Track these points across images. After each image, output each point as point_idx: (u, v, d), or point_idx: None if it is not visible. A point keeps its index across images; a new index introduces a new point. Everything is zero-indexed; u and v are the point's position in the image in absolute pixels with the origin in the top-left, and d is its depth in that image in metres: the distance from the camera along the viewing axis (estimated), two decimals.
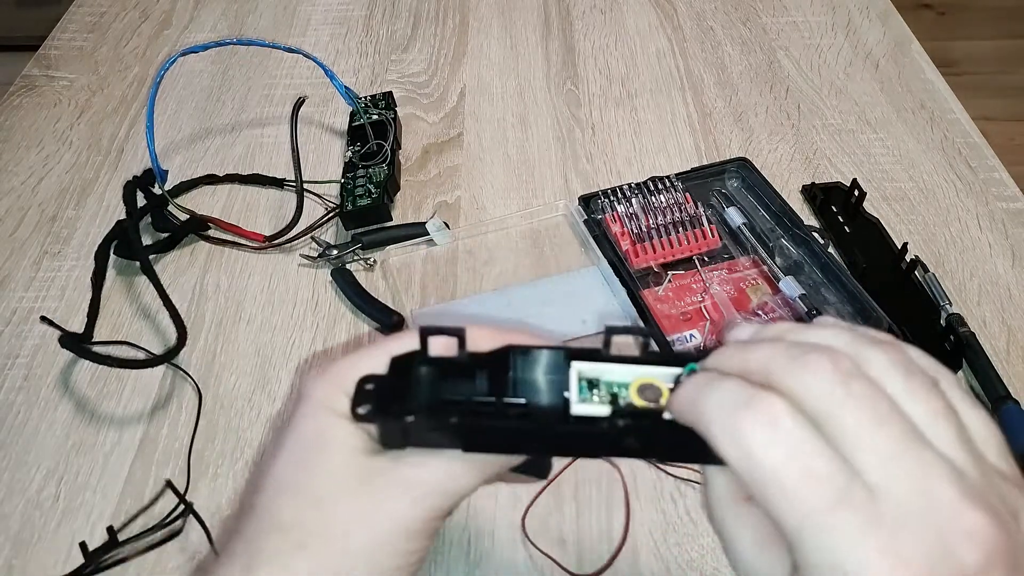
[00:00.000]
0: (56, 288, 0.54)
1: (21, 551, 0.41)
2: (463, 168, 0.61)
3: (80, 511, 0.43)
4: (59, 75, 0.72)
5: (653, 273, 0.52)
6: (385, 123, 0.60)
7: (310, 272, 0.54)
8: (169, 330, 0.50)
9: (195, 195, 0.60)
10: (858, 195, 0.54)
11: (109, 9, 0.79)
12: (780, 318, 0.49)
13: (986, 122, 0.68)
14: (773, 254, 0.52)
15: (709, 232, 0.53)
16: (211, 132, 0.65)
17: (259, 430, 0.46)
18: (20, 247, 0.57)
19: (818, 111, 0.65)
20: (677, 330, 0.49)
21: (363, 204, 0.55)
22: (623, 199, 0.54)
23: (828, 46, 0.71)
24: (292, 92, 0.67)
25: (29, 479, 0.44)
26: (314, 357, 0.49)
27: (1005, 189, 0.58)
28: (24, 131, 0.66)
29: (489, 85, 0.69)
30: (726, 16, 0.75)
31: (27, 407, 0.47)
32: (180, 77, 0.70)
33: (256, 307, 0.52)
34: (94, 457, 0.45)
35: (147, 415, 0.47)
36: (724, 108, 0.65)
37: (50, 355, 0.50)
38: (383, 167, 0.57)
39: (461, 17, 0.76)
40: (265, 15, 0.77)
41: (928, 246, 0.54)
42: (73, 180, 0.61)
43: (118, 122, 0.67)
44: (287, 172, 0.60)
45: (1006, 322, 0.49)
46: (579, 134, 0.64)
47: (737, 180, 0.58)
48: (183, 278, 0.54)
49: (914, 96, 0.65)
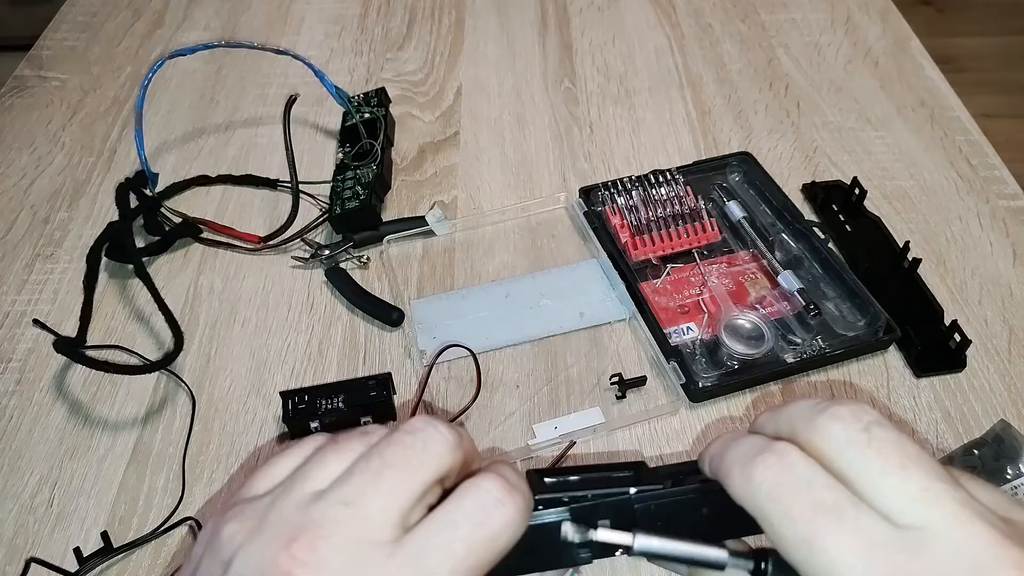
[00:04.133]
0: (49, 291, 0.53)
1: (15, 557, 0.41)
2: (460, 167, 0.61)
3: (74, 516, 0.42)
4: (51, 75, 0.71)
5: (652, 266, 0.52)
6: (376, 121, 0.59)
7: (305, 273, 0.54)
8: (163, 333, 0.49)
9: (188, 196, 0.59)
10: (858, 193, 0.54)
11: (101, 9, 0.78)
12: (778, 312, 0.48)
13: (986, 119, 0.67)
14: (773, 248, 0.52)
15: (709, 226, 0.52)
16: (204, 132, 0.65)
17: (254, 434, 0.45)
18: (12, 250, 0.56)
19: (818, 109, 0.64)
20: (674, 323, 0.48)
21: (351, 207, 0.54)
22: (623, 191, 0.54)
23: (827, 43, 0.71)
24: (286, 92, 0.67)
25: (22, 484, 0.43)
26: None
27: (1006, 187, 0.57)
28: (16, 132, 0.65)
29: (486, 83, 0.68)
30: (724, 13, 0.74)
31: (20, 412, 0.47)
32: (173, 77, 0.70)
33: (251, 309, 0.52)
34: (88, 462, 0.44)
35: (141, 419, 0.46)
36: (723, 106, 0.65)
37: (43, 359, 0.49)
38: (371, 167, 0.56)
39: (457, 15, 0.76)
40: (259, 14, 0.77)
41: (929, 244, 0.53)
42: (65, 182, 0.61)
43: (111, 123, 0.66)
44: (281, 173, 0.59)
45: (1007, 321, 0.49)
46: (577, 132, 0.63)
47: (739, 174, 0.58)
48: (177, 280, 0.54)
49: (914, 93, 0.65)
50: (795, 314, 0.48)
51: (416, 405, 0.45)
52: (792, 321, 0.48)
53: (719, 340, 0.47)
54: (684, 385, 0.45)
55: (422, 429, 0.23)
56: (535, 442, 0.43)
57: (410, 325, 0.49)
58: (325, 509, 0.21)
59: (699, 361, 0.46)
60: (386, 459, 0.22)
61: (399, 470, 0.22)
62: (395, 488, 0.22)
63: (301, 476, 0.23)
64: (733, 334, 0.47)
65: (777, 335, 0.47)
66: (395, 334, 0.50)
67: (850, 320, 0.48)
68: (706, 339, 0.47)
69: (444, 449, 0.23)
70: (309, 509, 0.21)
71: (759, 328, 0.47)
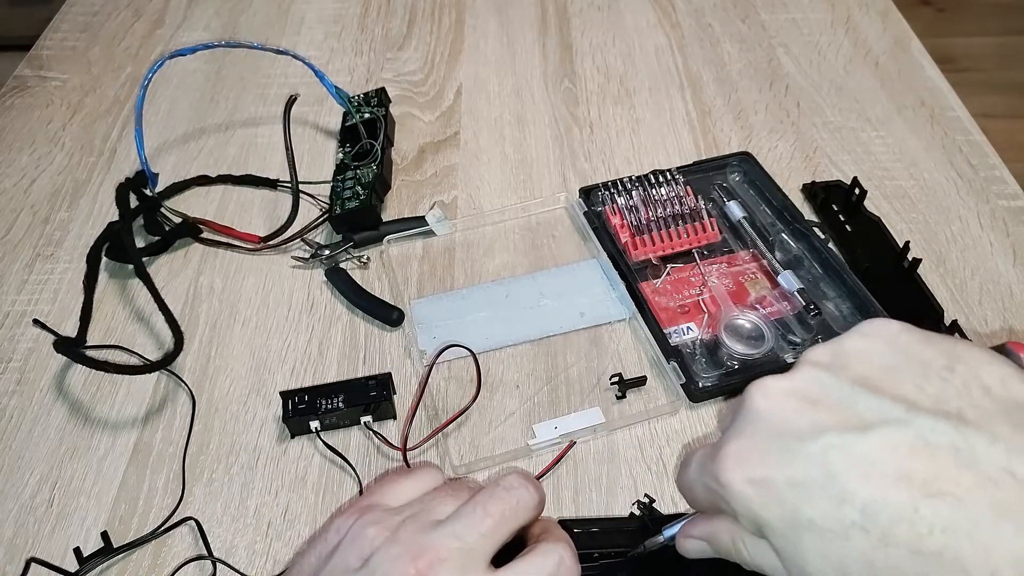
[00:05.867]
0: (49, 291, 0.53)
1: (15, 557, 0.41)
2: (460, 167, 0.61)
3: (74, 516, 0.42)
4: (51, 75, 0.71)
5: (652, 266, 0.52)
6: (376, 121, 0.59)
7: (305, 273, 0.54)
8: (163, 333, 0.49)
9: (188, 196, 0.59)
10: (859, 193, 0.54)
11: (102, 8, 0.78)
12: (778, 312, 0.48)
13: (986, 119, 0.67)
14: (773, 248, 0.52)
15: (709, 225, 0.52)
16: (205, 132, 0.65)
17: (254, 434, 0.45)
18: (12, 250, 0.56)
19: (818, 109, 0.64)
20: (674, 323, 0.48)
21: (351, 207, 0.54)
22: (623, 191, 0.54)
23: (827, 43, 0.71)
24: (286, 92, 0.67)
25: (23, 484, 0.43)
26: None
27: (1006, 187, 0.57)
28: (16, 132, 0.65)
29: (486, 83, 0.68)
30: (724, 13, 0.74)
31: (20, 412, 0.47)
32: (173, 77, 0.70)
33: (251, 309, 0.52)
34: (88, 462, 0.44)
35: (141, 419, 0.46)
36: (723, 106, 0.65)
37: (43, 359, 0.49)
38: (371, 167, 0.56)
39: (457, 15, 0.76)
40: (259, 14, 0.77)
41: (929, 244, 0.53)
42: (65, 181, 0.61)
43: (111, 122, 0.66)
44: (281, 172, 0.59)
45: (1008, 321, 0.49)
46: (577, 132, 0.63)
47: (739, 174, 0.58)
48: (177, 280, 0.54)
49: (914, 93, 0.65)
50: (795, 314, 0.48)
51: (416, 405, 0.45)
52: (792, 321, 0.48)
53: (719, 340, 0.47)
54: (684, 385, 0.45)
55: (517, 488, 0.30)
56: (535, 442, 0.43)
57: (410, 325, 0.49)
58: (442, 537, 0.28)
59: (699, 361, 0.46)
60: (488, 510, 0.29)
61: (495, 519, 0.29)
62: (492, 532, 0.29)
63: (426, 508, 0.30)
64: (733, 334, 0.47)
65: (777, 335, 0.47)
66: (395, 334, 0.50)
67: (850, 320, 0.48)
68: (706, 339, 0.47)
69: (532, 506, 0.30)
70: (431, 535, 0.28)
71: (759, 328, 0.47)
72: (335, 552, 0.30)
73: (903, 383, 0.23)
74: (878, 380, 0.24)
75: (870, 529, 0.21)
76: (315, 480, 0.43)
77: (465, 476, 0.43)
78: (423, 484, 0.33)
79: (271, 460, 0.44)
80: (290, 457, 0.44)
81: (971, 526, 0.20)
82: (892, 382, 0.23)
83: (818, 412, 0.24)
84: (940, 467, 0.21)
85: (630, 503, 0.41)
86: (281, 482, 0.43)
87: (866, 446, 0.22)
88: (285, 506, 0.42)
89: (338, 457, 0.44)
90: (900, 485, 0.21)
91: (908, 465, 0.21)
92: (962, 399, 0.22)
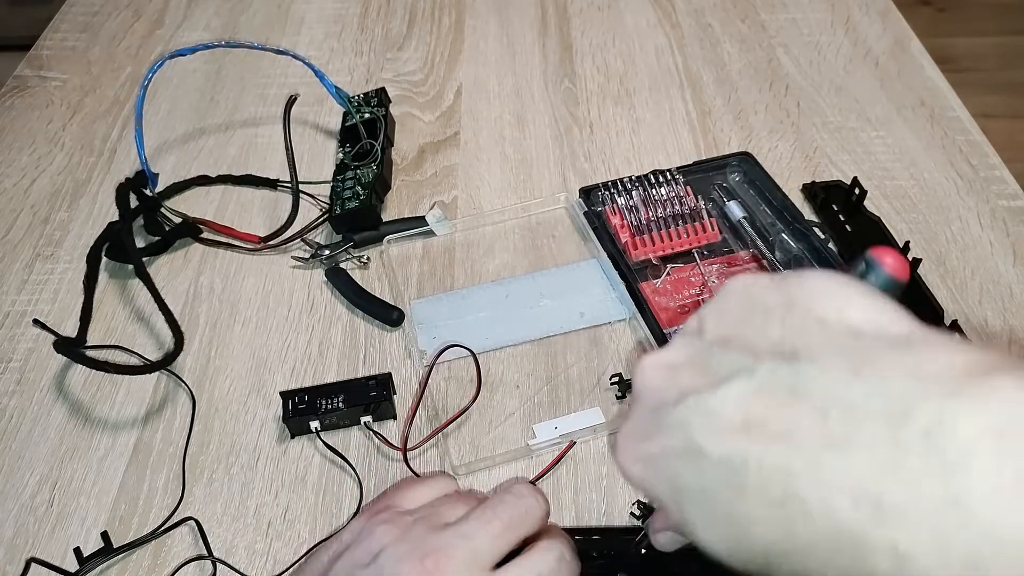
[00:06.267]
0: (49, 291, 0.53)
1: (15, 557, 0.41)
2: (460, 168, 0.61)
3: (74, 516, 0.42)
4: (51, 75, 0.71)
5: (652, 266, 0.52)
6: (376, 121, 0.59)
7: (305, 273, 0.54)
8: (163, 333, 0.49)
9: (188, 196, 0.59)
10: (859, 193, 0.54)
11: (101, 8, 0.78)
12: None
13: (986, 119, 0.67)
14: (773, 248, 0.52)
15: (709, 226, 0.52)
16: (205, 132, 0.65)
17: (254, 434, 0.45)
18: (12, 250, 0.56)
19: (818, 109, 0.64)
20: (675, 323, 0.48)
21: (351, 207, 0.54)
22: (624, 192, 0.54)
23: (827, 43, 0.71)
24: (286, 92, 0.67)
25: (23, 484, 0.43)
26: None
27: (1006, 187, 0.57)
28: (16, 132, 0.65)
29: (486, 83, 0.68)
30: (724, 13, 0.74)
31: (20, 412, 0.47)
32: (173, 77, 0.70)
33: (251, 309, 0.52)
34: (88, 462, 0.44)
35: (141, 419, 0.46)
36: (723, 106, 0.65)
37: (43, 359, 0.49)
38: (371, 167, 0.56)
39: (457, 15, 0.76)
40: (259, 14, 0.77)
41: (929, 244, 0.53)
42: (65, 182, 0.61)
43: (111, 122, 0.66)
44: (281, 172, 0.59)
45: (1008, 321, 0.49)
46: (577, 132, 0.63)
47: (739, 174, 0.58)
48: (177, 280, 0.54)
49: (914, 93, 0.65)
50: None
51: (416, 405, 0.45)
52: None
53: None
54: None
55: (527, 496, 0.32)
56: (535, 442, 0.43)
57: (410, 325, 0.49)
58: (450, 537, 0.30)
59: None
60: (497, 513, 0.31)
61: (503, 523, 0.30)
62: (499, 535, 0.30)
63: (437, 510, 0.32)
64: None
65: None
66: (395, 334, 0.50)
67: None
68: None
69: (539, 515, 0.32)
70: (439, 534, 0.30)
71: None
72: (347, 549, 0.31)
73: (751, 333, 0.23)
74: (732, 335, 0.23)
75: (729, 484, 0.20)
76: (315, 480, 0.43)
77: (465, 476, 0.43)
78: (436, 490, 0.35)
79: (271, 460, 0.44)
80: (290, 457, 0.44)
81: (804, 464, 0.19)
82: (743, 334, 0.23)
83: (682, 377, 0.24)
84: (777, 409, 0.20)
85: (630, 503, 0.41)
86: (281, 482, 0.43)
87: (715, 402, 0.22)
88: (285, 506, 0.42)
89: (338, 457, 0.44)
90: (741, 435, 0.20)
91: (751, 412, 0.21)
92: (798, 337, 0.22)
